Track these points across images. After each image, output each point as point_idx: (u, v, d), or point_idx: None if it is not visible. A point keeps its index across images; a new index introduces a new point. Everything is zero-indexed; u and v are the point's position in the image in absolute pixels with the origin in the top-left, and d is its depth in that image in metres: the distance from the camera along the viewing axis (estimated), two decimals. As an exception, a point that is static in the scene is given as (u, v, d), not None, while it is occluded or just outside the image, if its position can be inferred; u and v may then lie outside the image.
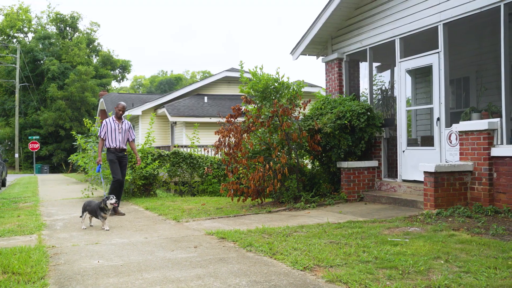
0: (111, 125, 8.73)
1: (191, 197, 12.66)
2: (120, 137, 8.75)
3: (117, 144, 8.70)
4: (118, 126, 8.77)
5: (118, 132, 8.72)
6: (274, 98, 9.12)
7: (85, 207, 6.98)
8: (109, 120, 8.80)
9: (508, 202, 6.63)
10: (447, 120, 7.97)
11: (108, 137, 8.69)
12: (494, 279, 3.66)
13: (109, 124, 8.74)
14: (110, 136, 8.69)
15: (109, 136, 8.69)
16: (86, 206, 6.98)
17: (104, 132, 8.69)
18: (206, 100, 24.46)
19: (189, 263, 4.57)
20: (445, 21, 7.93)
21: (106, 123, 8.75)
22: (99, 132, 8.75)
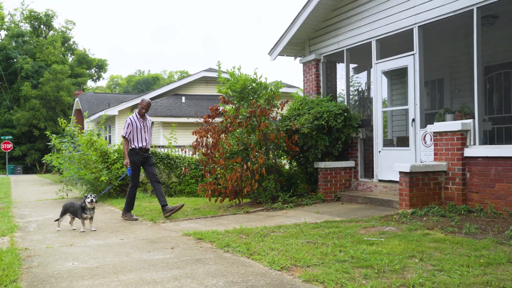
0: (136, 124, 7.88)
1: (169, 197, 12.55)
2: (147, 136, 8.00)
3: (143, 143, 7.90)
4: (143, 124, 7.96)
5: (144, 131, 7.95)
6: (252, 98, 9.13)
7: (67, 209, 6.80)
8: (133, 117, 7.94)
9: (481, 201, 6.78)
10: (422, 121, 8.10)
11: (134, 137, 7.85)
12: (467, 277, 3.73)
13: (134, 122, 7.88)
14: (135, 136, 7.86)
15: (135, 135, 7.86)
16: (68, 207, 6.80)
17: (130, 131, 7.86)
18: (183, 100, 24.31)
19: (166, 264, 4.53)
20: (420, 23, 8.06)
21: (131, 121, 7.89)
22: (124, 131, 7.91)
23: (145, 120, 8.04)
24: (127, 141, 7.90)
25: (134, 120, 7.90)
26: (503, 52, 9.70)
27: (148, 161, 7.99)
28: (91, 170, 11.43)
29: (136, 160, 7.87)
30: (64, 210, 6.83)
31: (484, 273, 3.83)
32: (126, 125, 7.88)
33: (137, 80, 75.63)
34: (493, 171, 6.65)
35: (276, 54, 11.24)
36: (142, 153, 7.90)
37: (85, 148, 11.61)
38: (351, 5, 9.57)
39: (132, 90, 69.89)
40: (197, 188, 10.64)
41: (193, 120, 20.60)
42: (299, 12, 10.23)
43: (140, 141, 7.88)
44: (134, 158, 7.86)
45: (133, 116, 7.96)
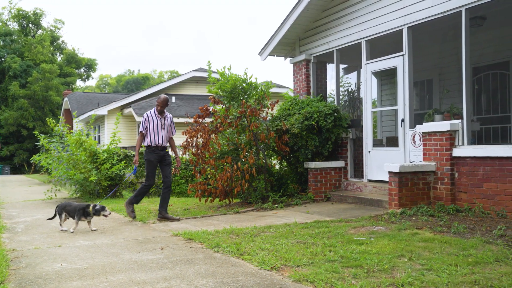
0: (153, 120, 7.62)
1: (158, 198, 12.50)
2: (164, 133, 7.69)
3: (160, 141, 7.62)
4: (161, 121, 7.69)
5: (161, 128, 7.66)
6: (242, 98, 9.12)
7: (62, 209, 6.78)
8: (151, 113, 7.67)
9: (469, 201, 6.84)
10: (411, 121, 8.15)
11: (150, 134, 7.59)
12: (455, 276, 3.76)
13: (151, 118, 7.63)
14: (152, 132, 7.59)
15: (152, 132, 7.59)
16: (65, 206, 6.80)
17: (146, 126, 7.60)
18: (173, 100, 24.22)
19: (156, 265, 4.51)
20: (410, 24, 8.11)
21: (148, 117, 7.63)
22: (140, 126, 7.67)
23: (164, 117, 7.78)
24: (142, 136, 7.68)
25: (151, 116, 7.64)
26: (491, 53, 9.80)
27: (164, 160, 7.77)
28: (80, 170, 11.35)
29: (152, 159, 7.63)
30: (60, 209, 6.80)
31: (472, 272, 3.86)
32: (143, 120, 7.67)
33: (127, 79, 75.22)
34: (481, 171, 6.72)
35: (266, 54, 11.25)
36: (158, 151, 7.66)
37: (74, 148, 11.53)
38: (341, 6, 9.61)
39: (122, 90, 69.49)
40: (187, 188, 10.64)
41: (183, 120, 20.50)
42: (289, 12, 10.25)
43: (156, 138, 7.61)
44: (150, 156, 7.63)
45: (150, 112, 7.70)
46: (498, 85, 9.94)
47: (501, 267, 3.98)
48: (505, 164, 6.40)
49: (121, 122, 22.33)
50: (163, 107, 7.71)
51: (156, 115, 7.68)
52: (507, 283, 3.53)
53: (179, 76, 27.15)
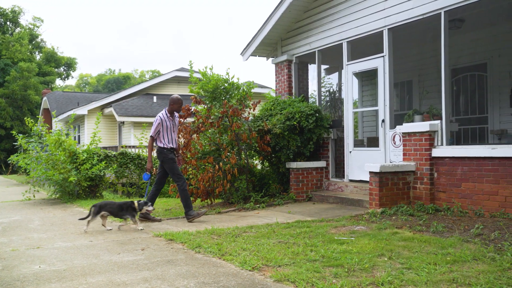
0: (167, 123, 7.46)
1: (139, 198, 12.41)
2: (175, 136, 7.63)
3: (174, 144, 7.55)
4: (172, 123, 7.57)
5: (173, 131, 7.56)
6: (224, 98, 9.11)
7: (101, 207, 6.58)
8: (163, 115, 7.50)
9: (448, 200, 6.95)
10: (392, 121, 8.24)
11: (164, 137, 7.44)
12: (434, 275, 3.82)
13: (164, 121, 7.45)
14: (166, 136, 7.45)
15: (166, 135, 7.45)
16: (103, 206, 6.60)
17: (158, 130, 7.43)
18: (155, 100, 24.07)
19: (136, 266, 4.47)
20: (390, 26, 8.20)
21: (161, 120, 7.44)
22: (152, 129, 7.46)
23: (174, 118, 7.66)
24: (153, 140, 7.49)
25: (164, 119, 7.47)
26: (469, 55, 9.97)
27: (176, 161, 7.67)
28: (60, 171, 11.19)
29: (172, 156, 7.49)
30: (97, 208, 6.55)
31: (451, 271, 3.92)
32: (156, 124, 7.44)
33: (107, 79, 74.41)
34: (459, 171, 6.83)
35: (248, 54, 11.25)
36: (174, 152, 7.58)
37: (53, 148, 11.36)
38: (323, 7, 9.67)
39: (103, 90, 68.71)
40: (168, 189, 10.56)
41: (164, 120, 20.37)
42: (272, 12, 10.27)
43: (171, 141, 7.50)
44: (170, 154, 7.45)
45: (163, 114, 7.52)
46: (476, 86, 10.12)
47: (479, 265, 4.05)
48: (483, 164, 6.52)
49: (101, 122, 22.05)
50: (174, 109, 7.62)
51: (168, 117, 7.55)
52: (484, 280, 3.60)
53: (160, 75, 26.98)
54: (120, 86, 67.67)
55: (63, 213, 8.90)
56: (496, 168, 6.36)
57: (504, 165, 6.26)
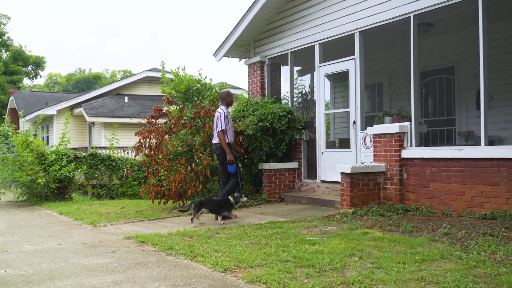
0: (229, 118, 7.53)
1: (110, 200, 12.22)
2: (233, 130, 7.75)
3: (233, 138, 7.68)
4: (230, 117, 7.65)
5: (232, 125, 7.74)
6: (197, 99, 9.06)
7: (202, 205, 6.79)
8: (226, 109, 7.49)
9: (417, 200, 7.09)
10: (363, 123, 8.36)
11: (227, 131, 7.47)
12: (403, 274, 3.88)
13: (229, 116, 7.54)
14: (229, 130, 7.52)
15: (228, 130, 7.50)
16: (204, 203, 6.82)
17: (226, 123, 7.43)
18: (126, 100, 23.76)
19: (106, 269, 4.40)
20: (361, 29, 8.32)
21: (224, 112, 7.42)
22: (221, 123, 7.37)
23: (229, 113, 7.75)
24: (224, 133, 7.45)
25: (228, 114, 7.55)
26: (438, 59, 10.21)
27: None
28: (27, 172, 10.90)
29: (235, 153, 7.67)
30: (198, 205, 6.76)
31: (419, 269, 4.00)
32: (223, 117, 7.40)
33: (77, 78, 72.99)
34: (428, 171, 6.97)
35: (221, 55, 11.23)
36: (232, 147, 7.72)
37: (20, 149, 11.07)
38: (295, 9, 9.73)
39: (72, 89, 67.37)
40: (140, 190, 10.45)
41: (136, 120, 20.20)
42: (244, 14, 10.27)
43: (231, 136, 7.64)
44: (232, 150, 7.58)
45: (225, 110, 7.52)
46: (444, 89, 10.36)
47: (446, 264, 4.15)
48: (450, 165, 6.68)
49: (71, 123, 21.67)
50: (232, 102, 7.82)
51: (229, 112, 7.67)
52: (451, 279, 3.68)
53: (132, 75, 26.66)
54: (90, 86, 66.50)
55: (30, 215, 8.69)
56: (463, 169, 6.52)
57: (470, 166, 6.43)
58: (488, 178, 6.22)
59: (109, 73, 79.50)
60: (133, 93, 25.16)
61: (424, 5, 7.21)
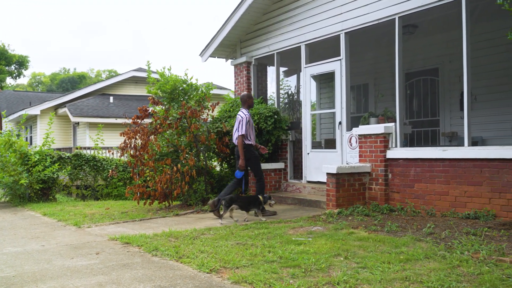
0: (251, 121, 7.75)
1: (95, 201, 12.11)
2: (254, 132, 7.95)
3: (254, 141, 7.88)
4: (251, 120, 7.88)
5: (252, 127, 7.87)
6: (183, 99, 9.02)
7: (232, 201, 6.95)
8: (247, 114, 7.67)
9: (402, 201, 7.15)
10: (348, 124, 8.41)
11: (249, 134, 7.69)
12: (388, 273, 3.91)
13: (250, 119, 7.73)
14: (250, 133, 7.73)
15: (250, 133, 7.72)
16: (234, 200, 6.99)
17: (246, 128, 7.61)
18: (111, 100, 23.58)
19: (90, 271, 4.35)
20: (347, 30, 8.37)
21: (247, 116, 7.64)
22: (242, 128, 7.55)
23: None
24: (243, 138, 7.63)
25: (249, 117, 7.73)
26: (422, 60, 10.31)
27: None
28: (10, 173, 10.75)
29: (257, 154, 7.87)
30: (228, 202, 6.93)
31: (404, 269, 4.03)
32: (245, 122, 7.57)
33: (62, 78, 72.21)
34: (412, 172, 7.04)
35: (207, 55, 11.20)
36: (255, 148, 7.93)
37: (3, 150, 10.91)
38: (282, 10, 9.75)
39: (57, 89, 66.63)
40: (125, 191, 10.36)
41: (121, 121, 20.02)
42: (231, 14, 10.27)
43: (253, 138, 7.85)
44: (254, 152, 7.81)
45: (246, 114, 7.69)
46: (428, 90, 10.47)
47: (430, 263, 4.19)
48: (434, 165, 6.75)
49: (55, 123, 21.44)
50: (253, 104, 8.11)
51: (250, 115, 7.85)
52: (435, 278, 3.72)
53: (117, 75, 26.46)
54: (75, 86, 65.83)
55: (13, 217, 8.57)
56: (446, 169, 6.60)
57: (454, 166, 6.51)
58: (471, 179, 6.30)
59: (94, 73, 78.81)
60: (118, 93, 24.98)
61: (409, 7, 7.28)
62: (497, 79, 9.05)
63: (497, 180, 6.01)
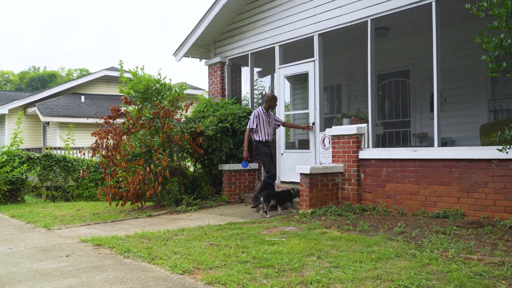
0: (263, 117, 8.28)
1: (65, 202, 11.87)
2: (270, 130, 8.42)
3: (269, 137, 8.34)
4: (268, 119, 8.37)
5: (268, 125, 8.34)
6: (156, 99, 8.94)
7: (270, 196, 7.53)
8: (260, 111, 8.29)
9: (373, 200, 7.25)
10: (321, 124, 8.48)
11: (260, 130, 8.26)
12: (360, 272, 3.96)
13: (261, 115, 8.27)
14: (262, 129, 8.27)
15: (262, 128, 8.27)
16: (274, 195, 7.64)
17: (257, 123, 8.24)
18: (83, 100, 23.17)
19: (60, 273, 4.26)
20: (320, 31, 8.44)
21: (258, 114, 8.27)
22: (251, 122, 8.25)
23: (269, 114, 8.45)
24: (250, 131, 8.28)
25: (261, 113, 8.27)
26: (394, 62, 10.48)
27: (273, 153, 8.65)
28: (-24, 174, 10.45)
29: (266, 150, 8.28)
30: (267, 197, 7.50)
31: (375, 268, 4.09)
32: (253, 117, 8.23)
33: (31, 77, 70.55)
34: (384, 172, 7.14)
35: (181, 55, 11.12)
36: (268, 144, 8.38)
37: (-31, 150, 10.59)
38: (256, 10, 9.77)
39: (26, 88, 65.05)
40: (96, 192, 10.21)
41: (93, 120, 19.70)
42: (205, 14, 10.22)
43: (266, 134, 8.30)
44: (264, 149, 8.26)
45: (260, 109, 8.30)
46: (400, 92, 10.65)
47: (401, 262, 4.26)
48: (405, 166, 6.87)
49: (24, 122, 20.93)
50: (274, 106, 8.61)
51: (264, 113, 8.32)
52: (406, 276, 3.78)
53: (89, 74, 26.03)
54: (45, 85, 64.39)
55: (-21, 219, 8.32)
56: (417, 169, 6.72)
57: (424, 167, 6.63)
58: (441, 178, 6.44)
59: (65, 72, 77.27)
60: (90, 92, 24.56)
61: (381, 9, 7.39)
62: (466, 81, 9.28)
63: (465, 180, 6.16)
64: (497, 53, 4.22)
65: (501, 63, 4.16)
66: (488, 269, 3.88)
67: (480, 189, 6.00)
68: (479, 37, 4.25)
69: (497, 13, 4.06)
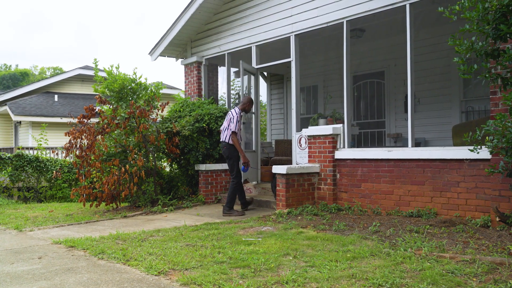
0: (241, 121, 7.99)
1: (38, 203, 11.63)
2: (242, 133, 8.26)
3: (241, 140, 8.14)
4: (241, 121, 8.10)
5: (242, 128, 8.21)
6: (131, 99, 8.84)
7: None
8: (239, 112, 7.80)
9: (349, 200, 7.32)
10: (298, 125, 8.52)
11: (240, 133, 7.90)
12: (335, 271, 3.99)
13: (241, 118, 7.90)
14: (240, 132, 7.96)
15: (241, 131, 8.03)
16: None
17: (239, 126, 7.81)
18: (56, 99, 22.74)
19: (32, 276, 4.17)
20: (297, 32, 8.48)
21: (239, 115, 7.77)
22: (235, 125, 7.66)
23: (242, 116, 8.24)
24: (236, 135, 7.70)
25: (240, 116, 7.83)
26: (369, 63, 10.61)
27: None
28: None
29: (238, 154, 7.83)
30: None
31: (350, 267, 4.13)
32: (235, 120, 7.67)
33: (2, 75, 68.87)
34: (359, 172, 7.23)
35: (157, 54, 11.03)
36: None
37: None
38: (233, 10, 9.76)
39: (-3, 86, 63.49)
40: (70, 193, 10.03)
41: (66, 120, 19.38)
42: (181, 13, 10.16)
43: (241, 137, 8.00)
44: (236, 152, 7.76)
45: (238, 112, 7.78)
46: (375, 92, 10.79)
47: (375, 261, 4.31)
48: (380, 166, 6.96)
49: (-6, 121, 20.43)
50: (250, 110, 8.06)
51: (242, 115, 8.04)
52: (380, 275, 3.83)
53: (63, 73, 25.54)
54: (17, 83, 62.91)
55: None
56: (391, 169, 6.82)
57: (398, 167, 6.74)
58: (415, 178, 6.55)
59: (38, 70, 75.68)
60: (64, 91, 24.13)
61: (356, 11, 7.47)
62: (439, 82, 9.46)
63: (438, 180, 6.28)
64: (469, 55, 4.31)
65: (473, 65, 4.25)
66: (460, 267, 3.96)
67: (452, 188, 6.13)
68: (451, 39, 4.34)
69: (469, 17, 4.14)
